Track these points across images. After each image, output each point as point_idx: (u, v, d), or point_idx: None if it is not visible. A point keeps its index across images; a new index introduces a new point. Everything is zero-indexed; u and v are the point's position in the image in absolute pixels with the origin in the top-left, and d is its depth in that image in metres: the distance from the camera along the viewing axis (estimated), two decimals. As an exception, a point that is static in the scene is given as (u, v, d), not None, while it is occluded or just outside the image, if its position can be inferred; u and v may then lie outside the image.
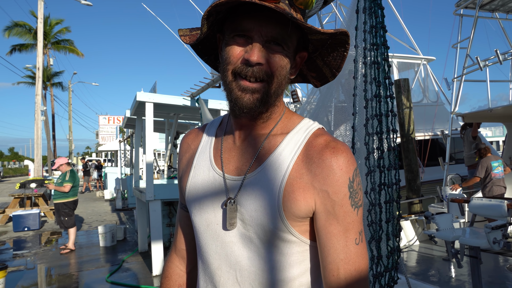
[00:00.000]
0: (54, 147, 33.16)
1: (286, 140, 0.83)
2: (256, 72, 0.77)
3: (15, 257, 6.59)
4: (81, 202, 14.61)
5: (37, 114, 15.83)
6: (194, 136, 0.99)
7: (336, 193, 0.77)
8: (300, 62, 0.87)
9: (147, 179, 5.48)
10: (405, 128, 6.68)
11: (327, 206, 0.77)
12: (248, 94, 0.78)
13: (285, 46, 0.79)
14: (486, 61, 6.52)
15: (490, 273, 4.43)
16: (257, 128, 0.86)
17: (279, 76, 0.79)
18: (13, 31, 28.81)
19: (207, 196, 0.87)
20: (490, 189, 5.96)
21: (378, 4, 1.76)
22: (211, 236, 0.85)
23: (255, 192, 0.80)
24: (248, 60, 0.76)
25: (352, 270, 0.77)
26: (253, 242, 0.81)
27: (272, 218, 0.78)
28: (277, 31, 0.77)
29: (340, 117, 2.64)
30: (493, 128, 28.26)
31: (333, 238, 0.77)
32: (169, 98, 5.89)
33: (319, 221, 0.78)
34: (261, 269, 0.80)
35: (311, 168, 0.78)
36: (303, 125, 0.86)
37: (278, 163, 0.81)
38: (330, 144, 0.79)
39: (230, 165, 0.87)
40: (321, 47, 0.86)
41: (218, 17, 0.82)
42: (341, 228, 0.77)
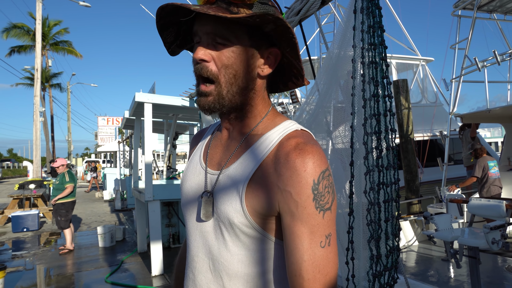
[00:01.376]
0: (53, 148, 33.11)
1: (260, 140, 0.85)
2: (201, 69, 0.82)
3: (14, 258, 6.58)
4: (80, 203, 14.59)
5: (35, 115, 15.82)
6: (199, 135, 1.08)
7: (299, 194, 0.75)
8: (274, 59, 0.88)
9: (146, 180, 5.48)
10: (404, 128, 6.69)
11: (290, 206, 0.76)
12: (204, 98, 0.84)
13: (228, 43, 0.82)
14: (484, 62, 6.53)
15: (489, 274, 4.44)
16: (238, 126, 0.90)
17: (226, 75, 0.82)
18: (11, 33, 28.80)
19: (192, 189, 0.94)
20: (488, 190, 5.98)
21: (376, 4, 1.77)
22: (192, 225, 0.92)
23: (226, 187, 0.85)
24: (194, 58, 0.83)
25: (315, 272, 0.74)
26: (222, 233, 0.84)
27: (236, 212, 0.81)
28: (215, 28, 0.81)
29: (339, 118, 2.64)
30: (492, 129, 28.31)
31: (297, 238, 0.75)
32: (168, 99, 5.89)
33: (284, 221, 0.78)
34: (228, 261, 0.83)
35: (277, 168, 0.78)
36: (282, 126, 0.86)
37: (248, 160, 0.84)
38: (299, 146, 0.78)
39: (213, 160, 0.93)
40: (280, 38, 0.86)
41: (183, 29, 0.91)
42: (305, 230, 0.75)
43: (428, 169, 8.80)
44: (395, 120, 3.95)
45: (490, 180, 6.00)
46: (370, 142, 1.86)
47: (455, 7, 7.08)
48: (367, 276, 1.88)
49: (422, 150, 8.70)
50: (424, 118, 9.21)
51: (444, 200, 5.91)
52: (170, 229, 6.96)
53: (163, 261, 5.41)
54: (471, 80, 7.47)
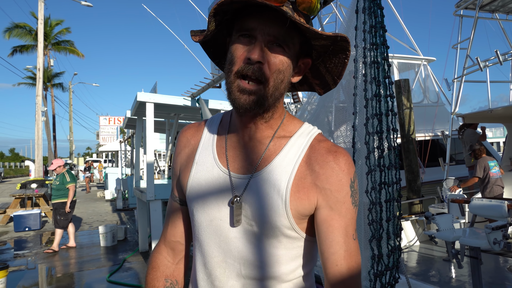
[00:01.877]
0: (55, 147, 33.18)
1: (290, 143, 0.88)
2: (256, 70, 0.79)
3: (16, 257, 6.60)
4: (81, 202, 14.62)
5: (37, 115, 15.85)
6: (194, 131, 1.00)
7: (339, 191, 0.83)
8: (304, 68, 0.90)
9: (148, 179, 5.49)
10: (405, 128, 6.68)
11: (329, 202, 0.83)
12: (245, 96, 0.80)
13: (286, 48, 0.81)
14: (486, 61, 6.52)
15: (491, 274, 4.43)
16: (261, 128, 0.88)
17: (276, 79, 0.81)
18: (14, 33, 28.85)
19: (211, 192, 0.89)
20: (491, 190, 5.95)
21: (378, 4, 1.77)
22: (214, 231, 0.88)
23: (262, 191, 0.84)
24: (249, 58, 0.79)
25: (352, 263, 0.83)
26: (258, 237, 0.84)
27: (279, 216, 0.82)
28: (279, 31, 0.79)
29: (341, 117, 2.65)
30: (494, 129, 28.26)
31: (336, 231, 0.82)
32: (169, 98, 5.89)
33: (321, 216, 0.84)
34: (264, 263, 0.84)
35: (314, 169, 0.84)
36: (305, 129, 0.91)
37: (284, 164, 0.85)
38: (332, 149, 0.86)
39: (235, 163, 0.89)
40: (324, 54, 0.89)
41: (226, 18, 0.84)
42: (342, 223, 0.83)
43: (430, 169, 8.78)
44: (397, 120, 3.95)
45: (492, 180, 5.98)
46: (371, 141, 1.86)
47: (457, 6, 7.07)
48: (369, 276, 1.88)
49: (424, 150, 8.69)
50: (426, 118, 9.19)
51: (446, 200, 5.90)
52: (172, 229, 6.96)
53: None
54: (473, 80, 7.47)
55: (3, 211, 10.13)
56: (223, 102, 6.17)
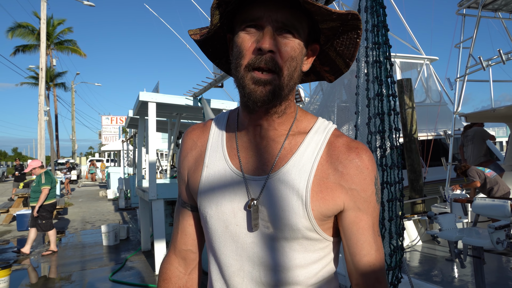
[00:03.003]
0: (57, 147, 33.29)
1: (307, 140, 0.83)
2: (269, 61, 0.74)
3: (19, 256, 6.62)
4: (84, 202, 14.67)
5: (40, 115, 15.89)
6: (200, 132, 0.94)
7: (365, 191, 0.81)
8: (313, 55, 0.85)
9: (150, 179, 5.50)
10: (407, 128, 6.67)
11: (357, 203, 0.81)
12: (261, 87, 0.74)
13: (296, 34, 0.76)
14: (489, 61, 6.49)
15: (494, 274, 4.42)
16: (274, 124, 0.83)
17: (290, 67, 0.76)
18: (16, 32, 28.95)
19: (225, 197, 0.84)
20: (499, 188, 5.84)
21: (380, 3, 1.77)
22: (230, 238, 0.83)
23: (281, 192, 0.79)
24: (260, 48, 0.73)
25: (382, 259, 0.84)
26: (278, 241, 0.80)
27: (300, 217, 0.78)
28: (287, 17, 0.74)
29: (343, 117, 2.64)
30: (497, 128, 28.14)
31: (365, 232, 0.82)
32: (171, 98, 5.90)
33: (349, 217, 0.82)
34: (285, 267, 0.80)
35: (338, 168, 0.80)
36: (320, 124, 0.86)
37: (302, 163, 0.80)
38: (352, 145, 0.82)
39: (249, 164, 0.84)
40: (333, 37, 0.83)
41: (228, 9, 0.79)
42: (370, 223, 0.83)
43: (432, 169, 8.75)
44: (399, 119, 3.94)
45: (493, 178, 5.92)
46: (374, 141, 1.86)
47: (460, 5, 7.04)
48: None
49: (426, 149, 8.66)
50: (428, 117, 9.16)
51: (448, 199, 5.88)
52: (174, 228, 6.97)
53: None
54: (476, 79, 7.43)
55: (6, 210, 10.17)
56: (225, 101, 6.17)
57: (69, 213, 11.81)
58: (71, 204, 13.96)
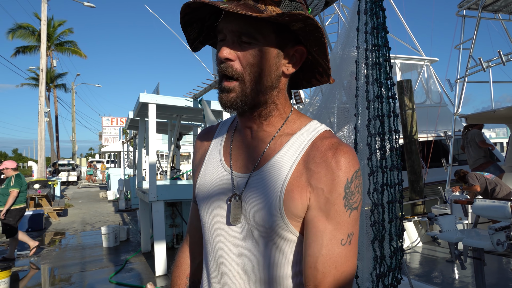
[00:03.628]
0: (58, 148, 33.31)
1: (291, 140, 0.84)
2: (227, 67, 0.79)
3: (19, 258, 6.62)
4: (84, 203, 14.66)
5: (40, 116, 15.90)
6: (207, 133, 1.02)
7: (331, 192, 0.77)
8: (300, 57, 0.86)
9: (150, 180, 5.50)
10: (408, 129, 6.67)
11: (319, 202, 0.78)
12: (225, 94, 0.81)
13: (254, 41, 0.79)
14: (489, 62, 6.49)
15: (494, 275, 4.41)
16: (263, 126, 0.87)
17: (251, 74, 0.80)
18: (17, 33, 29.02)
19: (215, 191, 0.90)
20: (501, 189, 5.83)
21: (379, 6, 1.77)
22: (215, 230, 0.88)
23: (259, 190, 0.82)
24: (219, 57, 0.80)
25: (331, 268, 0.75)
26: (254, 237, 0.83)
27: (273, 215, 0.79)
28: (241, 26, 0.78)
29: (343, 118, 2.64)
30: (497, 129, 28.14)
31: (318, 233, 0.77)
32: (172, 99, 5.91)
33: (308, 216, 0.79)
34: (260, 265, 0.82)
35: (310, 166, 0.80)
36: (310, 126, 0.86)
37: (282, 163, 0.82)
38: (333, 145, 0.80)
39: (238, 162, 0.89)
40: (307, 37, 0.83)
41: (207, 24, 0.87)
42: (329, 226, 0.77)
43: (432, 170, 8.75)
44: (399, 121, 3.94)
45: (492, 180, 5.90)
46: (373, 143, 1.86)
47: (460, 7, 7.05)
48: (371, 277, 1.88)
49: (426, 150, 8.65)
50: (429, 118, 9.16)
51: (449, 201, 5.88)
52: (174, 230, 6.98)
53: (167, 261, 5.42)
54: (476, 81, 7.44)
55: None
56: (225, 103, 6.16)
57: (69, 214, 11.81)
58: (71, 205, 13.96)
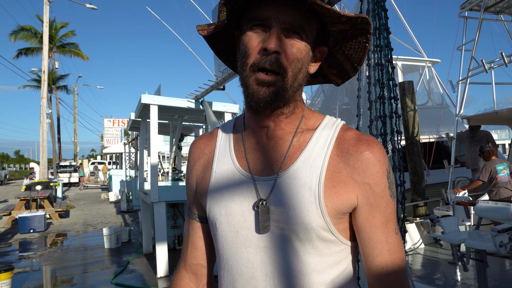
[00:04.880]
0: (60, 149, 33.38)
1: (315, 136, 0.81)
2: (274, 62, 0.74)
3: (21, 259, 6.63)
4: (86, 204, 14.68)
5: (42, 117, 15.94)
6: (207, 140, 0.93)
7: (378, 185, 0.77)
8: (321, 57, 0.84)
9: (152, 181, 5.50)
10: (410, 130, 6.66)
11: (369, 198, 0.77)
12: (265, 88, 0.74)
13: (304, 35, 0.76)
14: (491, 63, 6.48)
15: (496, 277, 4.39)
16: (282, 124, 0.82)
17: (295, 69, 0.76)
18: (19, 35, 29.12)
19: (234, 200, 0.82)
20: (497, 192, 5.87)
21: (382, 6, 1.77)
22: (241, 243, 0.80)
23: (292, 190, 0.77)
24: (265, 48, 0.73)
25: (397, 260, 0.78)
26: (291, 244, 0.77)
27: (314, 215, 0.75)
28: (295, 18, 0.74)
29: (345, 119, 2.64)
30: (499, 131, 28.05)
31: (378, 230, 0.78)
32: (173, 101, 5.91)
33: (362, 215, 0.78)
34: (300, 273, 0.77)
35: (349, 161, 0.77)
36: (328, 120, 0.85)
37: (312, 159, 0.78)
38: (362, 137, 0.79)
39: (258, 165, 0.82)
40: (342, 40, 0.83)
41: (236, 7, 0.78)
42: (383, 220, 0.78)
43: (434, 171, 8.73)
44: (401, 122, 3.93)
45: (500, 183, 5.89)
46: (376, 144, 1.85)
47: (462, 8, 7.05)
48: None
49: (428, 152, 8.64)
50: (431, 120, 9.14)
51: (451, 202, 5.86)
52: (176, 231, 6.98)
53: (169, 262, 5.42)
54: (478, 82, 7.41)
55: (8, 212, 10.18)
56: (227, 104, 6.18)
57: (71, 215, 11.83)
58: (73, 206, 13.98)
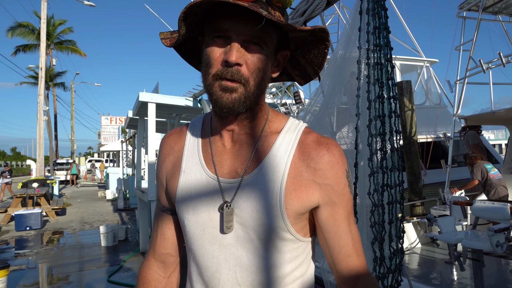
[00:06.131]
0: (56, 147, 33.27)
1: (278, 140, 0.85)
2: (235, 73, 0.76)
3: (17, 256, 6.61)
4: (82, 202, 14.64)
5: (39, 114, 15.87)
6: (176, 137, 0.97)
7: (338, 184, 0.83)
8: (283, 60, 0.88)
9: (149, 179, 5.49)
10: (407, 130, 6.67)
11: (331, 197, 0.83)
12: (228, 94, 0.77)
13: (263, 45, 0.78)
14: (489, 63, 6.50)
15: (493, 277, 4.41)
16: (246, 128, 0.86)
17: (257, 78, 0.79)
18: (17, 32, 28.98)
19: (201, 200, 0.86)
20: (495, 191, 5.88)
21: (382, 5, 1.76)
22: (208, 240, 0.85)
23: (255, 193, 0.81)
24: (227, 61, 0.76)
25: (359, 246, 0.87)
26: (252, 242, 0.82)
27: (274, 217, 0.80)
28: (254, 30, 0.76)
29: (343, 119, 2.63)
30: (496, 131, 28.19)
31: (342, 223, 0.85)
32: (171, 99, 5.90)
33: (326, 212, 0.84)
34: (260, 268, 0.83)
35: (310, 164, 0.82)
36: (291, 123, 0.89)
37: (275, 163, 0.82)
38: (322, 141, 0.84)
39: (224, 168, 0.86)
40: (302, 45, 0.87)
41: (197, 19, 0.82)
42: (345, 214, 0.85)
43: (432, 171, 8.75)
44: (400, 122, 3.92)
45: (495, 181, 5.93)
46: (374, 143, 1.85)
47: (460, 8, 7.06)
48: (371, 279, 1.86)
49: (426, 152, 8.66)
50: (428, 119, 9.16)
51: (448, 202, 5.88)
52: (173, 229, 6.97)
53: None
54: (476, 82, 7.43)
55: (4, 210, 10.14)
56: (225, 102, 6.16)
57: (68, 213, 11.79)
58: (70, 204, 13.94)
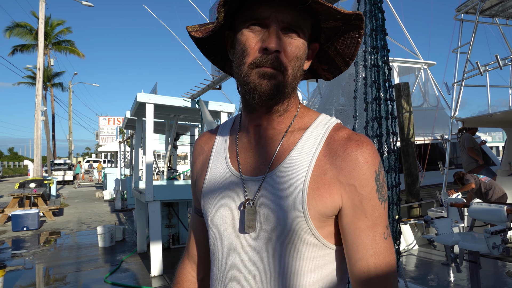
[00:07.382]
0: (54, 147, 33.17)
1: (305, 135, 0.80)
2: (274, 60, 0.73)
3: (13, 257, 6.58)
4: (80, 203, 14.60)
5: (37, 115, 15.83)
6: (207, 138, 0.96)
7: (364, 187, 0.74)
8: (312, 54, 0.84)
9: (147, 180, 5.48)
10: (405, 132, 6.69)
11: (354, 200, 0.74)
12: (267, 80, 0.74)
13: (301, 33, 0.76)
14: (486, 66, 6.53)
15: (489, 278, 4.42)
16: (274, 123, 0.82)
17: (294, 67, 0.76)
18: (14, 32, 28.91)
19: (224, 199, 0.83)
20: (493, 193, 5.89)
21: (379, 8, 1.77)
22: (229, 241, 0.81)
23: (276, 192, 0.76)
24: (266, 48, 0.73)
25: (382, 265, 0.74)
26: (273, 245, 0.76)
27: (296, 217, 0.74)
28: (293, 17, 0.74)
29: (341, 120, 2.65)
30: (493, 133, 28.27)
31: (362, 233, 0.74)
32: (169, 99, 5.90)
33: (347, 217, 0.75)
34: (280, 274, 0.76)
35: (336, 162, 0.75)
36: (321, 119, 0.83)
37: (299, 160, 0.77)
38: (353, 137, 0.77)
39: (248, 165, 0.83)
40: (334, 36, 0.83)
41: (231, 7, 0.77)
42: (369, 223, 0.75)
43: (429, 173, 8.78)
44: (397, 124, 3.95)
45: (488, 182, 5.95)
46: (371, 145, 1.86)
47: (458, 11, 7.09)
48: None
49: (423, 153, 8.68)
50: (426, 121, 9.19)
51: (445, 204, 5.89)
52: (170, 230, 6.96)
53: (163, 261, 5.41)
54: (473, 84, 7.46)
55: (1, 210, 10.10)
56: (223, 103, 6.17)
57: (65, 214, 11.75)
58: (67, 204, 13.89)
